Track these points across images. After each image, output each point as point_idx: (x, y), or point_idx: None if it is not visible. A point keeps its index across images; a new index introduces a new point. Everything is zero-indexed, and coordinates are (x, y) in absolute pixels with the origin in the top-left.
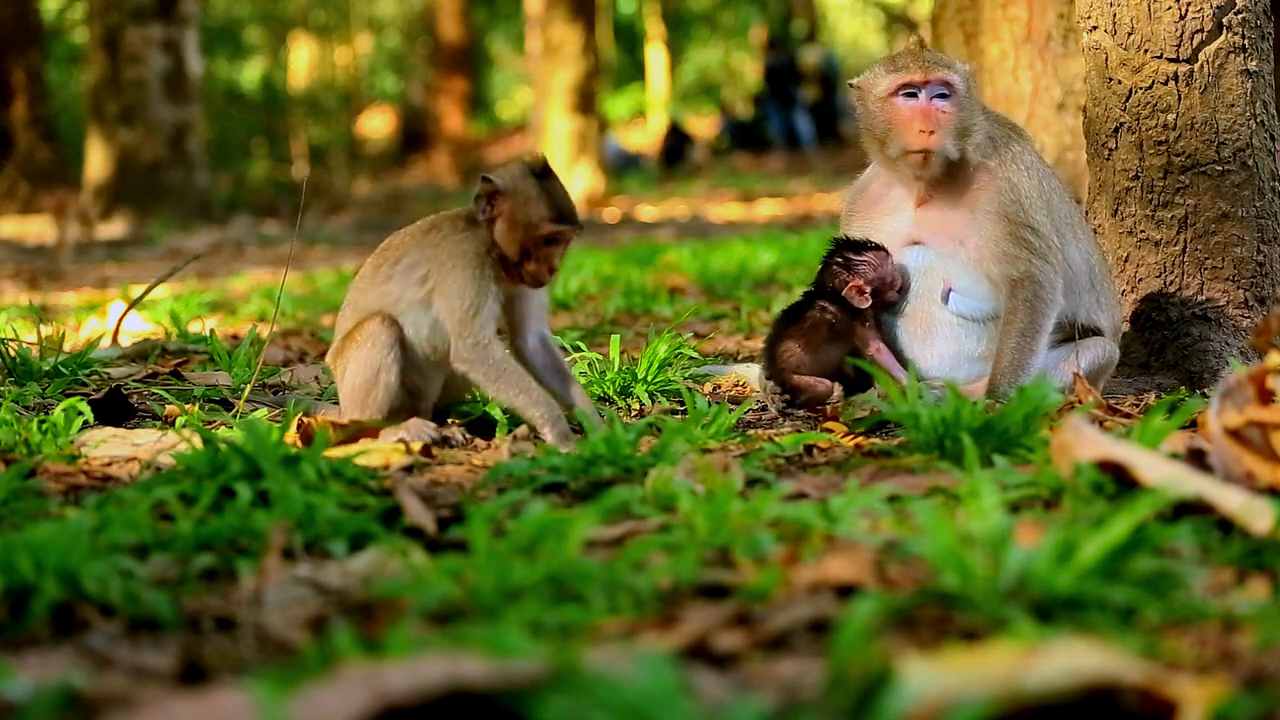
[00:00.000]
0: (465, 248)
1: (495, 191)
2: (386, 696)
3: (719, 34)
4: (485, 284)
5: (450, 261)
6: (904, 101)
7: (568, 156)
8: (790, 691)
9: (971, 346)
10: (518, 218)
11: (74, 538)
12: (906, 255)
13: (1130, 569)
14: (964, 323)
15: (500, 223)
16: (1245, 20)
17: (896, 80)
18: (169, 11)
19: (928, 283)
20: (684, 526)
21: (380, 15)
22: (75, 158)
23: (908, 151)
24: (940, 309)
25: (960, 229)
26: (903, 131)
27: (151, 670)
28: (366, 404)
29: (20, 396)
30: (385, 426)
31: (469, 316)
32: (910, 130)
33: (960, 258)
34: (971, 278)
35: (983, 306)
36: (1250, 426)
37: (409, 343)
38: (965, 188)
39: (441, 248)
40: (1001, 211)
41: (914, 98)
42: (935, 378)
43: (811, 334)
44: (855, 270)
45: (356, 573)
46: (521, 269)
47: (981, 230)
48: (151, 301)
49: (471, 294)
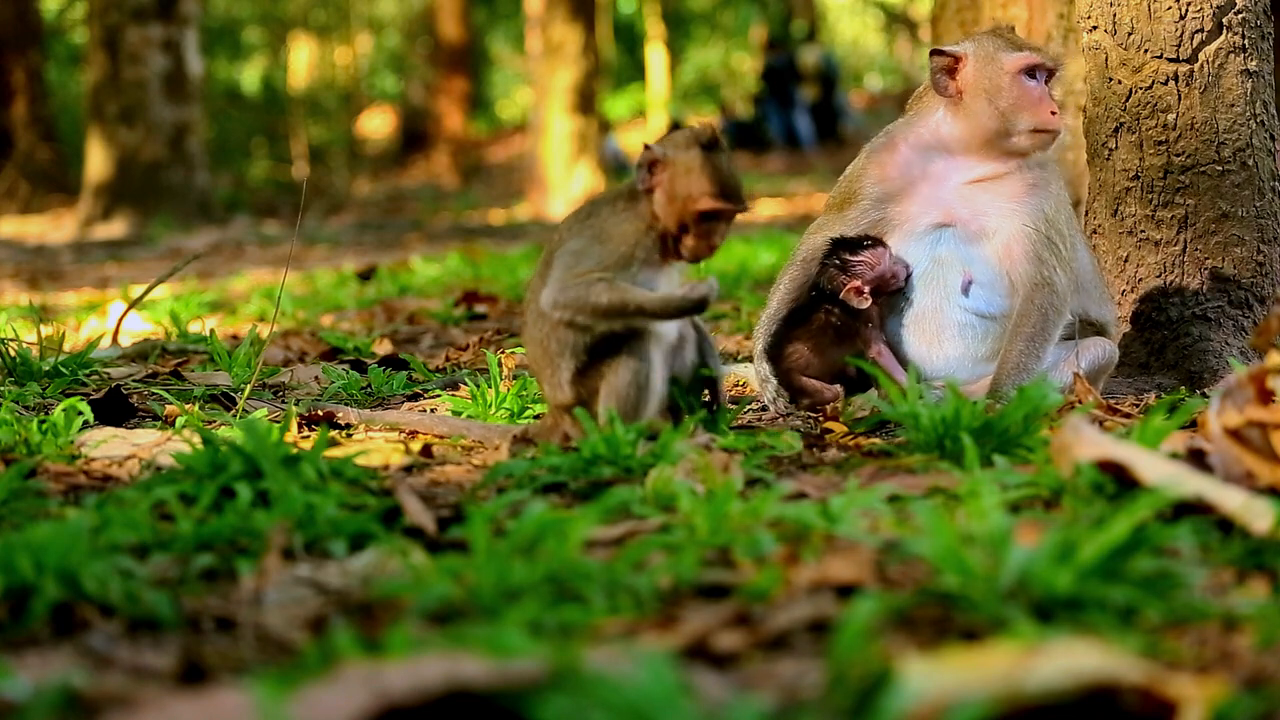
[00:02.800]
0: (620, 229)
1: (655, 160)
2: (386, 696)
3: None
4: (629, 261)
5: (601, 241)
6: (1030, 81)
7: (568, 156)
8: (790, 691)
9: (978, 348)
10: (677, 189)
11: (74, 538)
12: (928, 239)
13: (1130, 569)
14: (975, 321)
15: (659, 193)
16: (1245, 20)
17: (1027, 59)
18: (169, 11)
19: (943, 274)
20: (684, 526)
21: (380, 15)
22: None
23: (1037, 130)
24: (952, 306)
25: (997, 218)
26: (1035, 111)
27: (151, 670)
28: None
29: (20, 396)
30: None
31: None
32: (1043, 110)
33: (985, 251)
34: (994, 273)
35: (999, 303)
36: (1250, 426)
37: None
38: (1017, 182)
39: (597, 227)
40: (1042, 212)
41: (1034, 80)
42: (938, 379)
43: (819, 335)
44: (852, 271)
45: (356, 573)
46: (680, 244)
47: (1017, 226)
48: (152, 301)
49: (607, 262)
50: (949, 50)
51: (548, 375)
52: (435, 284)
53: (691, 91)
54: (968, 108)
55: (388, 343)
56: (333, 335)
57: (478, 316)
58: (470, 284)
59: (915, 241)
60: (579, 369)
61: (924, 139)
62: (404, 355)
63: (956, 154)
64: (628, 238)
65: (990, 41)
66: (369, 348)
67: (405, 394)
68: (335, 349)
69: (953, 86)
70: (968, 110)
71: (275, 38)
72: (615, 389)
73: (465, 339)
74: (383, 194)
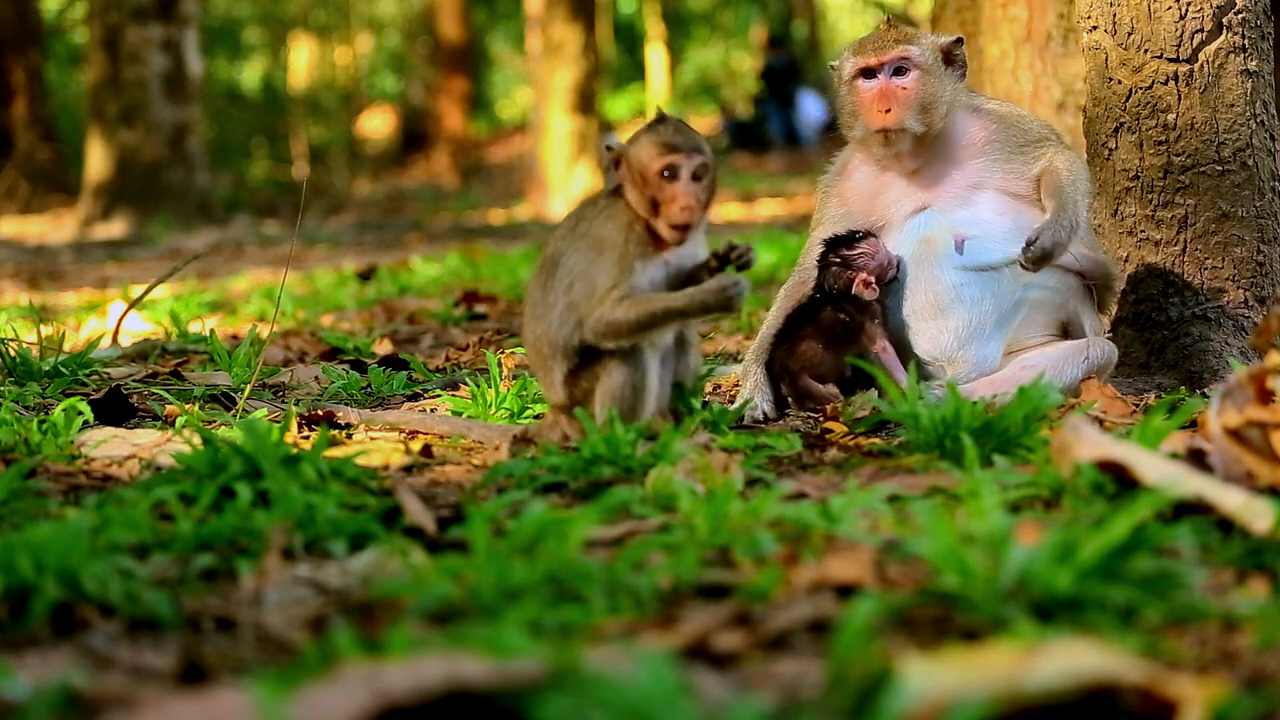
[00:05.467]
0: (608, 229)
1: (617, 157)
2: (386, 696)
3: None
4: (628, 261)
5: (598, 249)
6: (864, 83)
7: (567, 157)
8: (790, 691)
9: (984, 311)
10: (634, 168)
11: (74, 538)
12: (911, 225)
13: (1130, 569)
14: (973, 279)
15: (627, 185)
16: (1245, 20)
17: (856, 64)
18: (169, 11)
19: (932, 249)
20: (684, 526)
21: (380, 15)
22: (75, 158)
23: (870, 131)
24: (947, 272)
25: (969, 175)
26: (864, 112)
27: (151, 670)
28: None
29: (20, 396)
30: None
31: (604, 292)
32: (870, 110)
33: (976, 206)
34: (988, 221)
35: (999, 250)
36: (1250, 426)
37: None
38: (950, 145)
39: (590, 236)
40: (1004, 135)
41: (873, 78)
42: (949, 358)
43: (829, 333)
44: (855, 265)
45: (356, 573)
46: (660, 223)
47: (990, 162)
48: (152, 301)
49: (613, 274)
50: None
51: (542, 376)
52: (435, 284)
53: (691, 91)
54: (844, 127)
55: (388, 343)
56: (333, 335)
57: (478, 316)
58: (470, 284)
59: (898, 232)
60: (571, 370)
61: (867, 155)
62: (404, 355)
63: (884, 160)
64: (619, 234)
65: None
66: (369, 348)
67: (405, 394)
68: (335, 349)
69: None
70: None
71: (275, 38)
72: (611, 391)
73: (465, 339)
74: (383, 194)
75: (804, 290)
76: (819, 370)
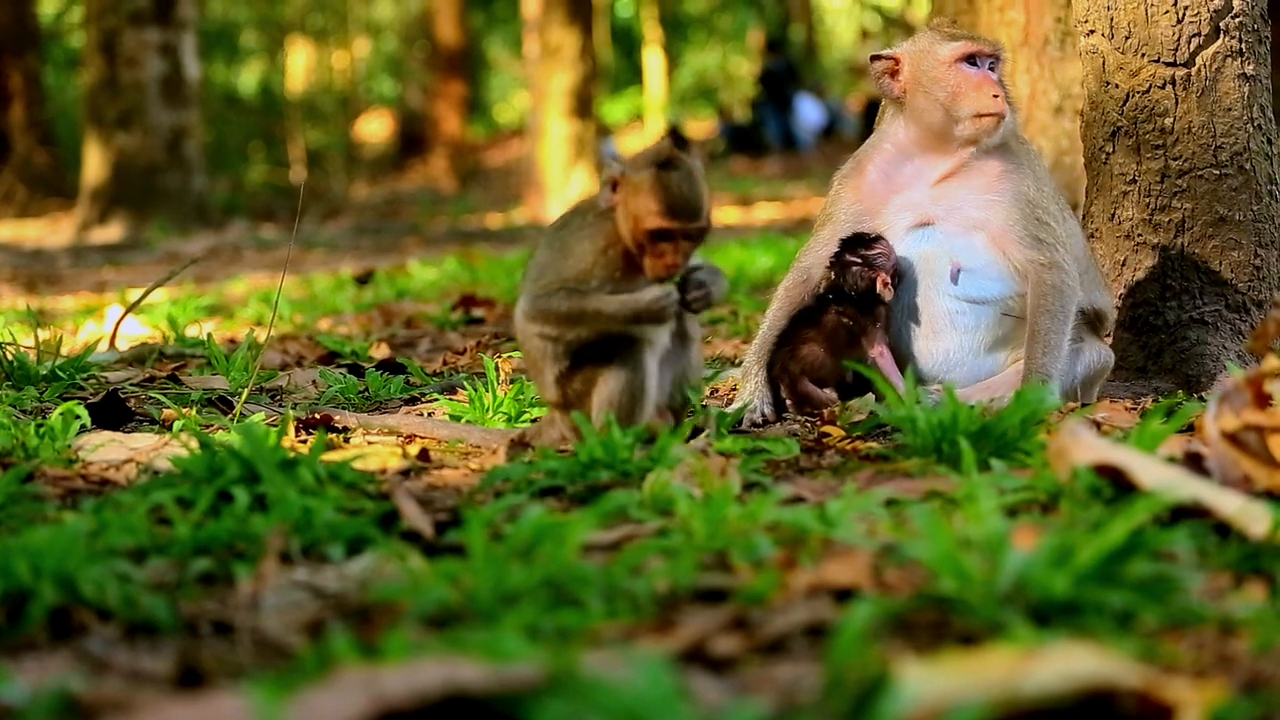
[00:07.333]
0: (580, 246)
1: (615, 179)
2: (384, 700)
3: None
4: (586, 280)
5: (563, 255)
6: (969, 68)
7: (565, 160)
8: (788, 695)
9: (974, 338)
10: (630, 208)
11: (71, 542)
12: (910, 238)
13: (1127, 573)
14: (967, 309)
15: (620, 211)
16: (1242, 24)
17: (962, 48)
18: (166, 15)
19: (930, 268)
20: (681, 530)
21: (378, 19)
22: (72, 161)
23: (980, 115)
24: (944, 297)
25: (978, 210)
26: (975, 96)
27: (149, 674)
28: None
29: (18, 400)
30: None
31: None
32: (983, 95)
33: (973, 240)
34: (984, 259)
35: (993, 288)
36: (1247, 430)
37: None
38: (986, 171)
39: (562, 241)
40: (1023, 195)
41: (975, 66)
42: (939, 377)
43: (832, 336)
44: (875, 265)
45: (354, 577)
46: (640, 261)
47: (1001, 216)
48: (149, 305)
49: (568, 277)
50: (886, 53)
51: (535, 377)
52: (432, 288)
53: (689, 95)
54: (913, 106)
55: (385, 347)
56: (330, 339)
57: (475, 320)
58: (467, 288)
59: (896, 244)
60: (562, 373)
61: (888, 152)
62: (401, 359)
63: (917, 156)
64: (585, 256)
65: (926, 37)
66: (366, 352)
67: (403, 398)
68: (333, 353)
69: (896, 87)
70: (913, 108)
71: (273, 42)
72: (608, 395)
73: (462, 343)
74: (380, 198)
75: (805, 288)
76: (820, 374)
